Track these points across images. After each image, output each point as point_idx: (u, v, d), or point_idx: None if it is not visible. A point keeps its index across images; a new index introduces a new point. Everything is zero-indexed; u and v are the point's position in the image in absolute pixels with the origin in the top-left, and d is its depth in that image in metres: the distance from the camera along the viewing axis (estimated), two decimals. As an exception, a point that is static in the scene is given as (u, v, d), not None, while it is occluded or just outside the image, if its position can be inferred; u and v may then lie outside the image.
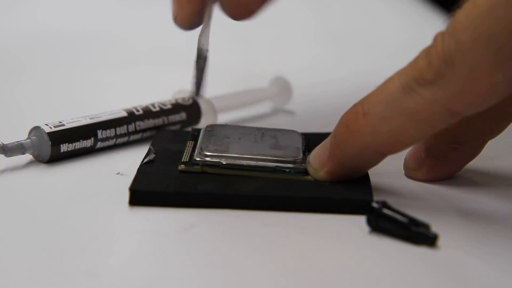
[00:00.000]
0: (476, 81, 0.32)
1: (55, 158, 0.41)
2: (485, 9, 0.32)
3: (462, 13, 0.32)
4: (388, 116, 0.34)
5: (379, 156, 0.36)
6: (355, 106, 0.36)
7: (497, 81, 0.32)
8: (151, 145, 0.41)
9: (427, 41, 0.34)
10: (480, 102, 0.33)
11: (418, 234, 0.33)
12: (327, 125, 0.47)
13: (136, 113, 0.44)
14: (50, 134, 0.40)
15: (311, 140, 0.42)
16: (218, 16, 0.43)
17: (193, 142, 0.41)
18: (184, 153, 0.40)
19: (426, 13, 0.81)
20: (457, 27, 0.32)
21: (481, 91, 0.32)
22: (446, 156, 0.39)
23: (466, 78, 0.32)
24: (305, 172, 0.38)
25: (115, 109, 0.43)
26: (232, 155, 0.38)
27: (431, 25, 0.74)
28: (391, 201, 0.35)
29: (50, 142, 0.40)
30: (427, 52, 0.33)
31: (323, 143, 0.38)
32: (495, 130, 0.39)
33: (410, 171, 0.40)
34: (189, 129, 0.44)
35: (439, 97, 0.33)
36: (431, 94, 0.33)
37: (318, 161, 0.38)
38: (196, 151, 0.39)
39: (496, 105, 0.33)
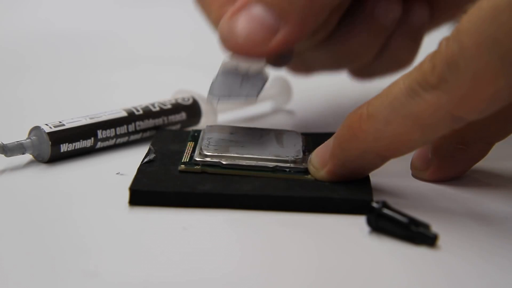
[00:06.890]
0: (480, 87, 0.32)
1: (55, 158, 0.40)
2: (488, 14, 0.31)
3: (466, 18, 0.32)
4: (392, 119, 0.34)
5: (381, 159, 0.36)
6: (359, 108, 0.36)
7: (501, 87, 0.32)
8: (151, 145, 0.41)
9: (433, 45, 0.34)
10: (484, 108, 0.33)
11: (418, 234, 0.33)
12: (327, 125, 0.47)
13: (136, 113, 0.44)
14: (50, 134, 0.40)
15: (311, 140, 0.42)
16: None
17: (193, 143, 0.41)
18: (184, 154, 0.40)
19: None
20: (461, 32, 0.32)
21: (485, 96, 0.32)
22: (453, 157, 0.39)
23: (469, 83, 0.32)
24: (305, 171, 0.38)
25: (115, 109, 0.43)
26: (232, 155, 0.38)
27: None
28: (391, 201, 0.35)
29: (50, 142, 0.40)
30: (432, 56, 0.33)
31: (326, 142, 0.38)
32: (503, 132, 0.39)
33: (417, 171, 0.40)
34: (190, 129, 0.44)
35: (442, 101, 0.33)
36: (434, 99, 0.33)
37: (319, 160, 0.38)
38: (196, 151, 0.39)
39: (504, 108, 0.33)
